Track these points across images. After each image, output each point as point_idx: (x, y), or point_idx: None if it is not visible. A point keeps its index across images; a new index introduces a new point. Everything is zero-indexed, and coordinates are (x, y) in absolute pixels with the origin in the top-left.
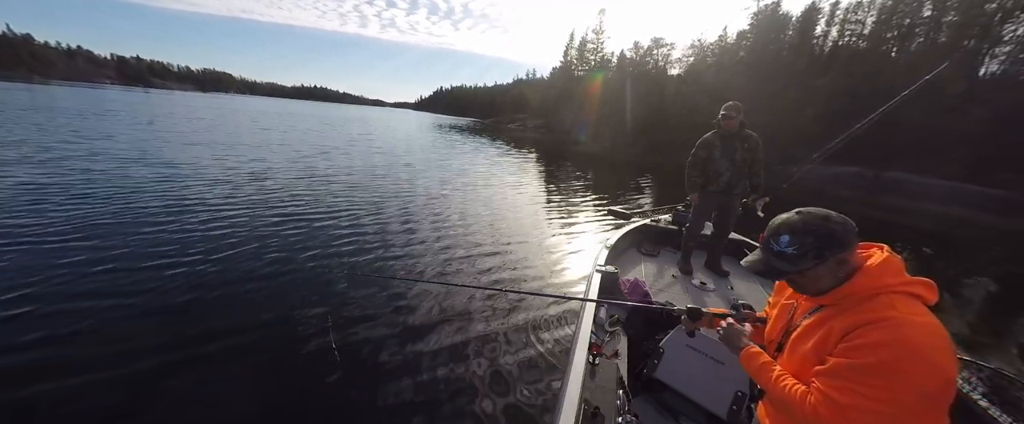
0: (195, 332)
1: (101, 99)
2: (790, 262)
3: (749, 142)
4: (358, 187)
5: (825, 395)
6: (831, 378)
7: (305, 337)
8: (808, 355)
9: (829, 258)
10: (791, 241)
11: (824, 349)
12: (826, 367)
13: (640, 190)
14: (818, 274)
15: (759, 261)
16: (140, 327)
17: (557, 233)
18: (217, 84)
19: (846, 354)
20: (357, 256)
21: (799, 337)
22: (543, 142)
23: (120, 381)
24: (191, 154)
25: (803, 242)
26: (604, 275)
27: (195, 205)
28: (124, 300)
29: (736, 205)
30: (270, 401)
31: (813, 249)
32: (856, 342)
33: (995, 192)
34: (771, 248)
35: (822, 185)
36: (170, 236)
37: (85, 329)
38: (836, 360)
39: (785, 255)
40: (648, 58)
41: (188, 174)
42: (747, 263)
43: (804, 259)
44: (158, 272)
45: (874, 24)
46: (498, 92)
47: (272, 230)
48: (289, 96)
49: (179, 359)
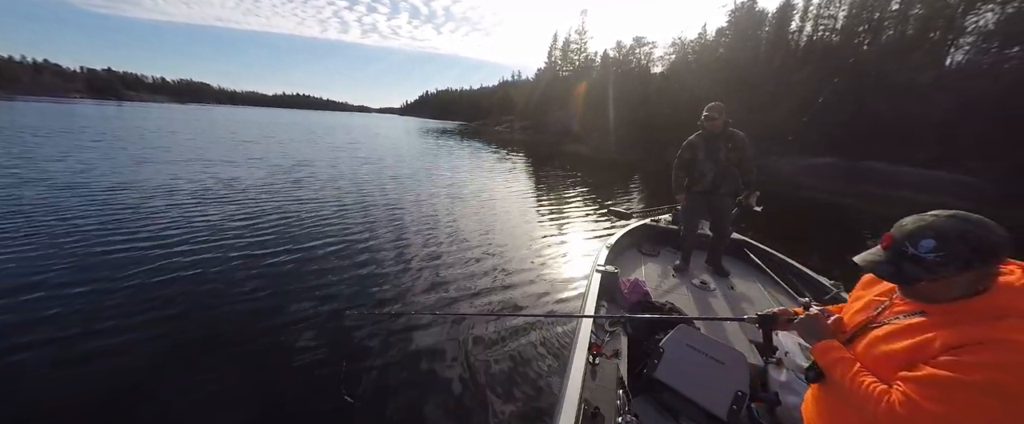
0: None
1: (69, 114)
2: (927, 269)
3: (734, 141)
4: (350, 194)
5: (910, 399)
6: (923, 386)
7: (293, 350)
8: (895, 356)
9: (978, 269)
10: (937, 247)
11: (918, 356)
12: (920, 374)
13: (629, 190)
14: (953, 284)
15: (884, 263)
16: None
17: (556, 234)
18: (194, 95)
19: (951, 367)
20: (353, 258)
21: (886, 336)
22: (530, 143)
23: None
24: (163, 171)
25: (953, 250)
26: (604, 275)
27: (166, 226)
28: (92, 325)
29: (727, 205)
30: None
31: (962, 259)
32: (966, 358)
33: (962, 178)
34: (904, 250)
35: (798, 176)
36: (121, 259)
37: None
38: (933, 371)
39: (924, 261)
40: (631, 57)
41: (156, 188)
42: (865, 262)
43: (947, 268)
44: (118, 284)
45: (846, 18)
46: (484, 94)
47: (253, 253)
48: (270, 105)
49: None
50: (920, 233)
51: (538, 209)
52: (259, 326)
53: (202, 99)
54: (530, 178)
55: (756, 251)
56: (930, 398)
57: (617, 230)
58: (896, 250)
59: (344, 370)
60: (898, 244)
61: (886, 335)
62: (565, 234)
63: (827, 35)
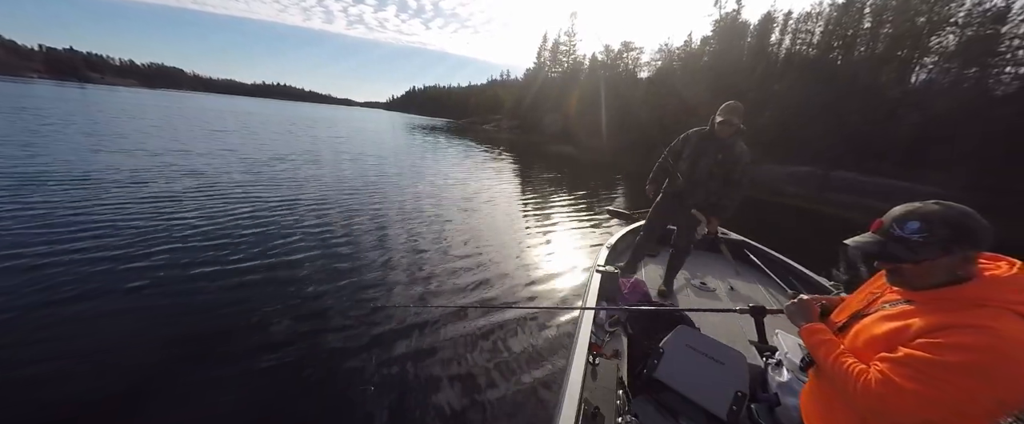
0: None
1: (23, 94)
2: (911, 249)
3: (726, 152)
4: (346, 195)
5: (885, 376)
6: (900, 366)
7: (282, 346)
8: (876, 340)
9: (956, 253)
10: (921, 228)
11: (897, 339)
12: (897, 355)
13: (624, 191)
14: (935, 267)
15: (872, 243)
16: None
17: (556, 234)
18: (166, 80)
19: (927, 349)
20: (352, 257)
21: (872, 322)
22: (519, 143)
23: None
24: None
25: (934, 232)
26: (605, 275)
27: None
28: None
29: (690, 220)
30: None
31: (942, 241)
32: (940, 340)
33: (923, 188)
34: (892, 232)
35: (779, 184)
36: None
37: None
38: (910, 352)
39: (908, 241)
40: (619, 61)
41: (117, 176)
42: (854, 243)
43: (928, 249)
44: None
45: (822, 33)
46: (472, 92)
47: (241, 247)
48: (249, 94)
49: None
50: (907, 216)
51: (538, 209)
52: (244, 324)
53: (175, 85)
54: (527, 179)
55: (756, 252)
56: (906, 376)
57: (617, 230)
58: (884, 232)
59: (343, 369)
60: (886, 227)
61: (872, 322)
62: (565, 234)
63: (805, 49)
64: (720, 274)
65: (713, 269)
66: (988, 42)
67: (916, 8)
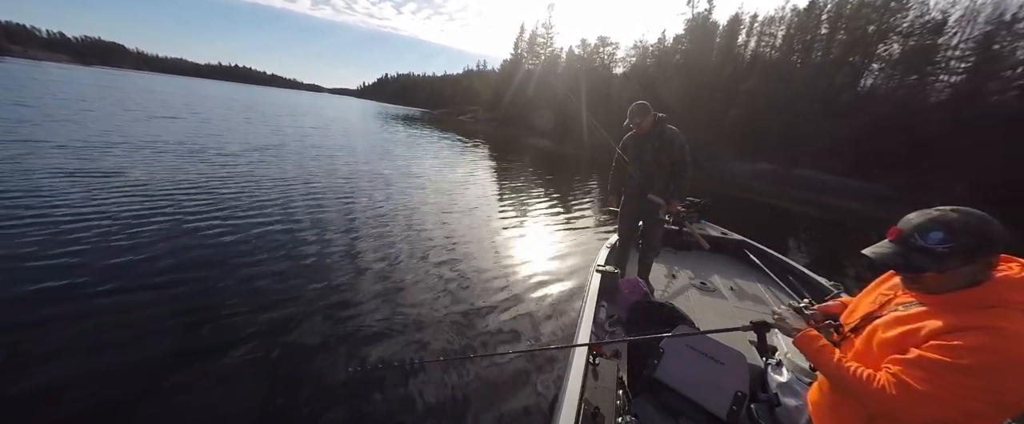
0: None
1: None
2: (935, 260)
3: (660, 140)
4: (330, 198)
5: (900, 380)
6: (912, 368)
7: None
8: (887, 343)
9: (979, 261)
10: (946, 239)
11: (908, 342)
12: (909, 357)
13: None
14: (958, 275)
15: (893, 254)
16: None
17: (555, 234)
18: (104, 56)
19: (938, 351)
20: (351, 257)
21: (884, 325)
22: (497, 136)
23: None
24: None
25: (960, 241)
26: (604, 275)
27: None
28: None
29: (654, 212)
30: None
31: (967, 250)
32: (953, 342)
33: (868, 186)
34: (913, 243)
35: (744, 180)
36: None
37: None
38: (922, 354)
39: (932, 252)
40: (595, 56)
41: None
42: (875, 254)
43: (953, 258)
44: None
45: (784, 37)
46: (448, 82)
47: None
48: (203, 75)
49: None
50: (929, 226)
51: (538, 209)
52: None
53: (115, 62)
54: (516, 174)
55: (756, 252)
56: (918, 378)
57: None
58: (904, 242)
59: (341, 369)
60: (906, 236)
61: (885, 325)
62: (564, 234)
63: (769, 51)
64: (721, 274)
65: (714, 269)
66: (927, 52)
67: (867, 17)
